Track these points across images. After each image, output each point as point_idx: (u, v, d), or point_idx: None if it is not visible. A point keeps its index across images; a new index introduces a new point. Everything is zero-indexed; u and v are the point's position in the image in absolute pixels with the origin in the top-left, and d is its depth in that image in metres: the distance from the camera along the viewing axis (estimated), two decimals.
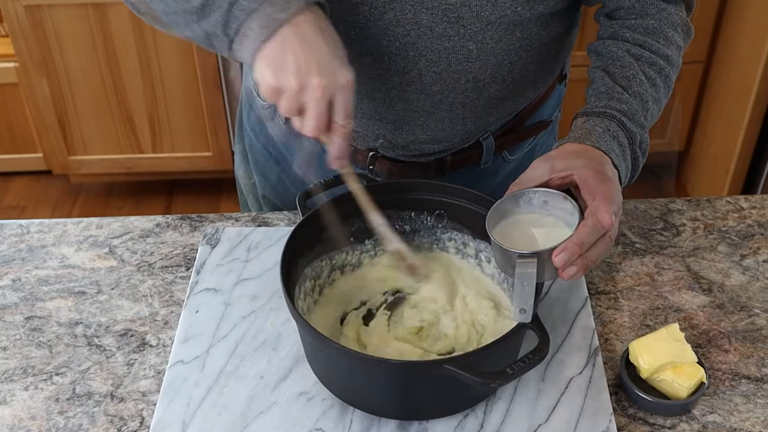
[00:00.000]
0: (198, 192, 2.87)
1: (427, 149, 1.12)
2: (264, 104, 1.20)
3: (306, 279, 0.99)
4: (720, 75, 2.56)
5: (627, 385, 0.93)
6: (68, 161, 2.71)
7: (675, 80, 1.04)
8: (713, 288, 1.08)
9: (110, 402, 0.94)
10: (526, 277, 0.84)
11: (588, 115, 0.97)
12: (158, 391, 0.95)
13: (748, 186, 2.52)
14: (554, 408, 0.92)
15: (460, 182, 1.03)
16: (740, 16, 2.42)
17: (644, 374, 0.93)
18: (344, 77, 0.84)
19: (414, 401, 0.89)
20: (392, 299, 1.03)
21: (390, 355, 0.95)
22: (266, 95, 0.85)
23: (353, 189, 0.95)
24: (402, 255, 0.97)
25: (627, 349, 0.95)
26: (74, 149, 2.69)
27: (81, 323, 1.04)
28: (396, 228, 1.02)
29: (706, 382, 0.92)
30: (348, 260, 1.05)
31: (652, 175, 2.80)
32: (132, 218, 1.20)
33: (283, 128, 1.18)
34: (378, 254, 1.06)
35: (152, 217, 1.20)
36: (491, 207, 0.90)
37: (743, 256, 1.13)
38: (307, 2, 0.84)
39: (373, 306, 1.03)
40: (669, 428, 0.91)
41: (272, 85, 0.84)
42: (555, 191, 0.90)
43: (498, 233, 0.89)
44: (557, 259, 0.83)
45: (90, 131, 2.65)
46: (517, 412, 0.91)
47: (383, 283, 1.05)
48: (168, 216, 1.20)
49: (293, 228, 0.96)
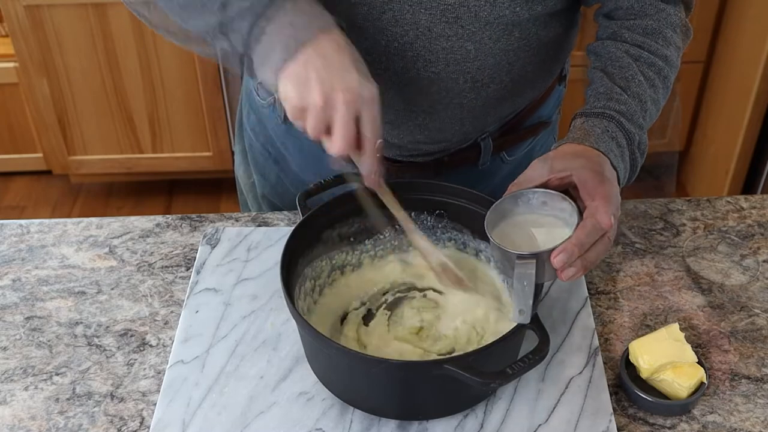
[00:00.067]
0: (198, 192, 2.87)
1: (425, 149, 1.12)
2: (263, 102, 1.19)
3: (306, 279, 0.99)
4: (720, 75, 2.56)
5: (627, 385, 0.93)
6: (68, 161, 2.71)
7: (674, 80, 1.04)
8: (713, 288, 1.08)
9: (110, 402, 0.94)
10: (525, 278, 0.84)
11: (587, 116, 0.97)
12: (158, 391, 0.95)
13: (748, 186, 2.52)
14: (554, 408, 0.92)
15: (458, 183, 1.03)
16: (740, 16, 2.42)
17: (644, 374, 0.93)
18: (369, 91, 0.84)
19: (414, 401, 0.90)
20: (392, 299, 1.03)
21: (390, 355, 0.95)
22: (292, 115, 0.85)
23: (390, 206, 0.94)
24: (447, 268, 0.96)
25: (627, 349, 0.95)
26: (74, 149, 2.69)
27: (81, 323, 1.04)
28: (396, 228, 1.02)
29: (706, 382, 0.92)
30: (348, 260, 1.05)
31: (652, 176, 2.79)
32: (132, 218, 1.20)
33: (283, 128, 1.19)
34: (378, 254, 1.06)
35: (152, 217, 1.20)
36: (490, 207, 0.91)
37: (743, 256, 1.13)
38: (327, 24, 0.86)
39: (373, 306, 1.03)
40: (669, 428, 0.91)
41: (297, 105, 0.84)
42: (554, 192, 0.90)
43: (497, 234, 0.89)
44: (556, 260, 0.83)
45: (90, 131, 2.65)
46: (517, 412, 0.91)
47: (383, 283, 1.05)
48: (168, 216, 1.20)
49: (293, 228, 0.96)
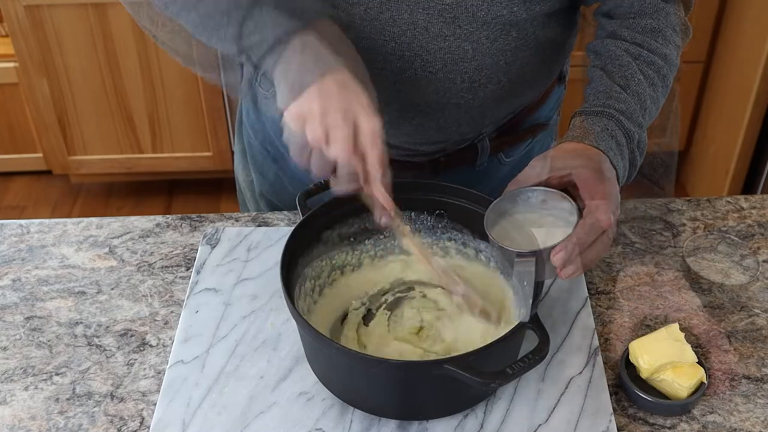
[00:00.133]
0: (198, 192, 2.87)
1: (422, 149, 1.12)
2: (266, 93, 1.19)
3: (306, 279, 0.99)
4: (720, 75, 2.56)
5: (627, 385, 0.93)
6: (68, 161, 2.71)
7: (674, 80, 1.04)
8: (713, 288, 1.08)
9: (110, 402, 0.94)
10: (525, 276, 0.84)
11: (586, 114, 0.97)
12: (158, 391, 0.95)
13: (748, 186, 2.51)
14: (554, 408, 0.92)
15: (456, 184, 1.03)
16: (740, 16, 2.42)
17: (644, 374, 0.93)
18: (368, 125, 0.84)
19: (414, 401, 0.89)
20: (392, 299, 1.03)
21: (390, 355, 0.95)
22: (294, 154, 0.85)
23: (408, 246, 0.94)
24: (473, 301, 0.95)
25: (627, 349, 0.95)
26: (74, 149, 2.69)
27: (81, 323, 1.04)
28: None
29: (706, 382, 0.92)
30: (348, 260, 1.05)
31: (652, 176, 2.79)
32: (132, 218, 1.20)
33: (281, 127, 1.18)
34: (378, 254, 1.06)
35: (152, 217, 1.20)
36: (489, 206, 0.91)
37: (743, 256, 1.13)
38: (332, 63, 0.85)
39: (373, 306, 1.03)
40: (669, 428, 0.91)
41: (299, 143, 0.84)
42: (553, 190, 0.90)
43: (496, 232, 0.89)
44: (556, 259, 0.83)
45: (90, 131, 2.65)
46: (517, 412, 0.91)
47: (383, 283, 1.05)
48: (168, 216, 1.20)
49: (293, 228, 0.96)
